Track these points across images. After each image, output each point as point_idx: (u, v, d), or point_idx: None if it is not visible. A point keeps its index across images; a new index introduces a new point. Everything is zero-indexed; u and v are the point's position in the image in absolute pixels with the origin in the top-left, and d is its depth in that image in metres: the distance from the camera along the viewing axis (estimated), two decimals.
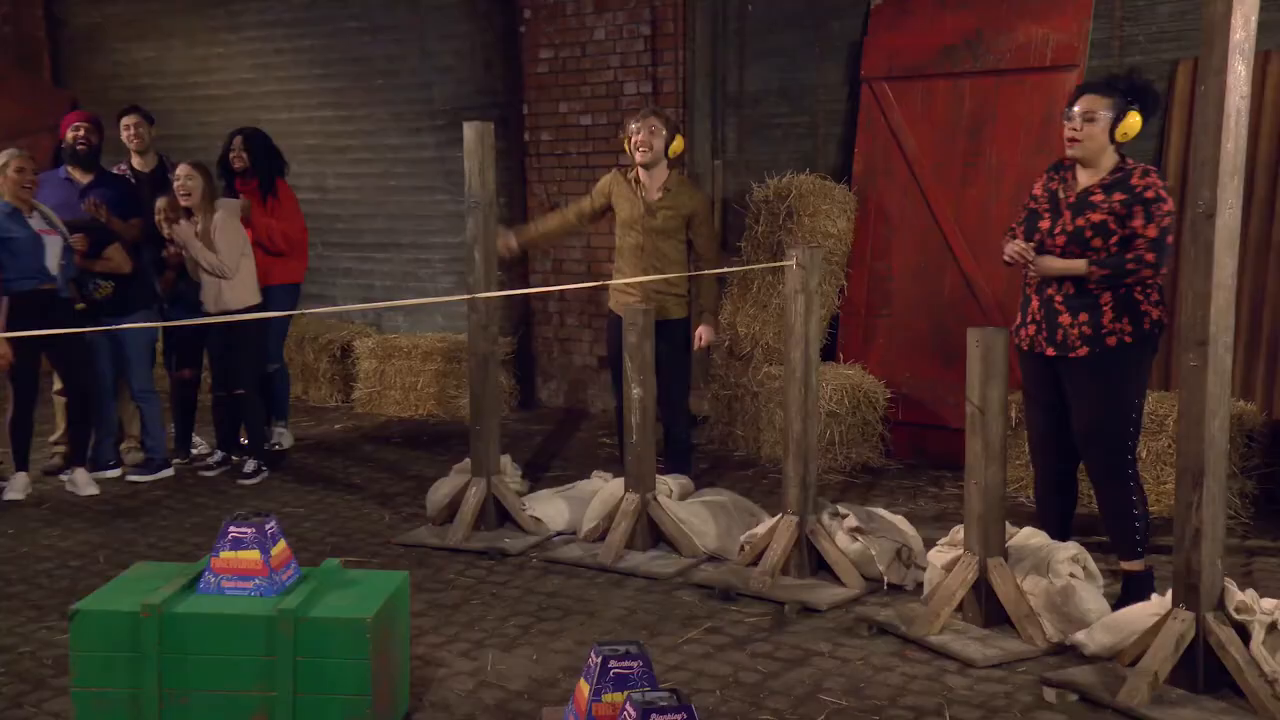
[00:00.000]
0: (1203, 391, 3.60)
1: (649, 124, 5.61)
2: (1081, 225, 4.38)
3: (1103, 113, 4.35)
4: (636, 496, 5.19)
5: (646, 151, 5.61)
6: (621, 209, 5.76)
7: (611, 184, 5.84)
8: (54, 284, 5.95)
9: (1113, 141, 4.39)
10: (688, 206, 5.73)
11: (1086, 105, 4.38)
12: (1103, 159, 4.43)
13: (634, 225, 5.71)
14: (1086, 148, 4.40)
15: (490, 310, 5.52)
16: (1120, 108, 4.35)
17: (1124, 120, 4.34)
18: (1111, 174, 4.42)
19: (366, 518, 5.89)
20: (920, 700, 3.76)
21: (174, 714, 3.33)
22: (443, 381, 8.26)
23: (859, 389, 6.60)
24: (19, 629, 4.42)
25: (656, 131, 5.61)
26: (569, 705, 3.06)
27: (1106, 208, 4.36)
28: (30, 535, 5.59)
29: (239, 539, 3.48)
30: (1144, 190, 4.33)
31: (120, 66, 10.60)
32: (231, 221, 6.37)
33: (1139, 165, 4.44)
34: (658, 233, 5.68)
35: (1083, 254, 4.38)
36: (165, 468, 6.62)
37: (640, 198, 5.70)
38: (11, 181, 5.88)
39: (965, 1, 6.80)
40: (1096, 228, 4.36)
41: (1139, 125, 4.37)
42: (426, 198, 9.07)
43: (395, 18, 8.98)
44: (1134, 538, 4.46)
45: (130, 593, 3.45)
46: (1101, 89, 4.42)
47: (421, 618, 4.43)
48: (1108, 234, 4.35)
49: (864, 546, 4.77)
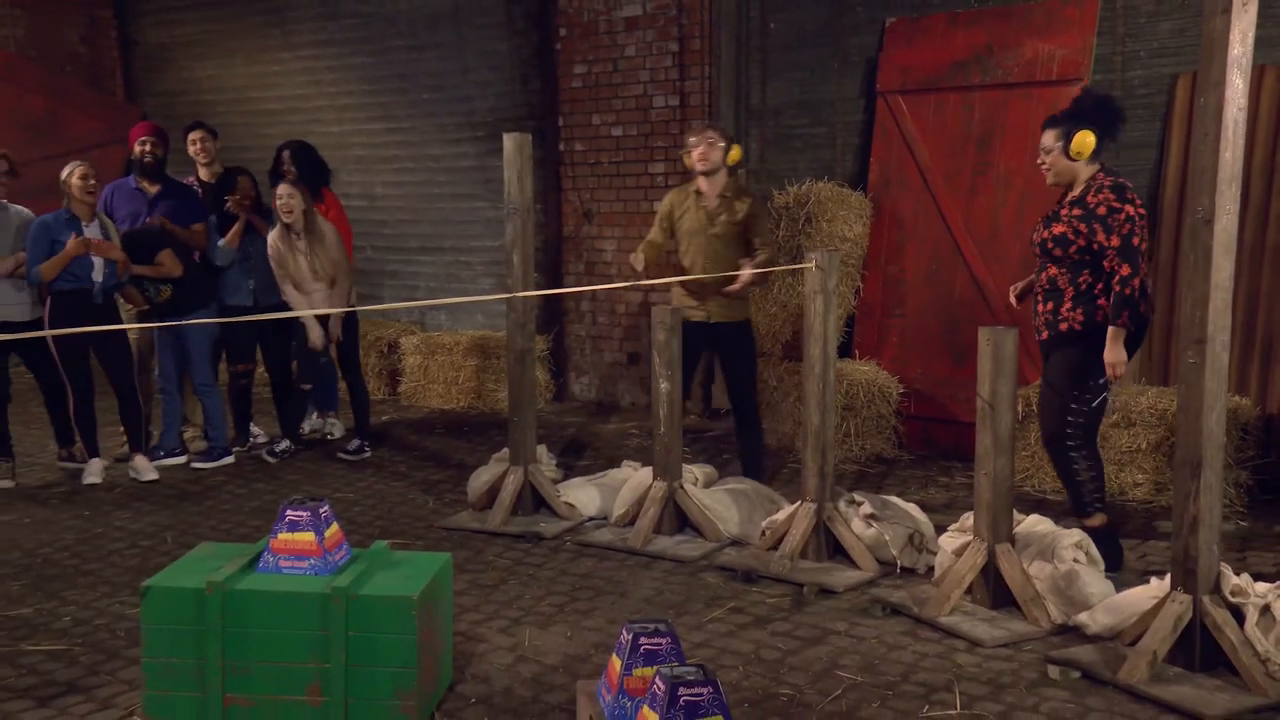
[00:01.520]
0: (1201, 387, 3.58)
1: (707, 137, 5.55)
2: (1047, 237, 4.62)
3: (1055, 143, 4.58)
4: (664, 484, 5.19)
5: (706, 162, 5.55)
6: (683, 221, 5.68)
7: (671, 202, 5.76)
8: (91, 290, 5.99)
9: (1076, 159, 4.55)
10: (745, 211, 5.62)
11: (1043, 141, 4.65)
12: (1078, 177, 4.61)
13: (696, 234, 5.62)
14: (1056, 174, 4.63)
15: (527, 309, 5.53)
16: (1068, 132, 4.53)
17: (1072, 141, 4.50)
18: (1081, 190, 4.58)
19: (412, 503, 5.92)
20: (931, 677, 3.75)
21: (236, 683, 3.36)
22: (482, 376, 8.29)
23: (873, 384, 6.58)
24: (94, 603, 4.48)
25: (715, 144, 5.54)
26: (602, 679, 3.06)
27: (1066, 220, 4.55)
28: (104, 517, 5.66)
29: (295, 522, 3.50)
30: (1097, 206, 4.49)
31: (186, 83, 10.70)
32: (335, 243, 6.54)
33: (1099, 181, 4.55)
34: (718, 238, 5.59)
35: (1050, 261, 4.62)
36: (226, 455, 6.68)
37: (701, 207, 5.62)
38: (75, 189, 5.95)
39: (976, 19, 6.76)
40: (1057, 239, 4.57)
41: (1091, 140, 4.51)
42: (467, 204, 9.09)
43: (439, 36, 9.01)
44: (1083, 499, 4.65)
45: (196, 571, 3.48)
46: (1050, 122, 4.65)
47: (463, 596, 4.45)
48: (1066, 244, 4.55)
49: (878, 532, 4.75)
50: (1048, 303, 4.65)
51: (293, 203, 6.31)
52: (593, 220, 8.28)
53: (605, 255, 8.25)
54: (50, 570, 4.88)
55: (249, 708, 3.37)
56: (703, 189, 5.65)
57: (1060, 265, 4.60)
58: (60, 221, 5.94)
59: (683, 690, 2.55)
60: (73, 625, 4.25)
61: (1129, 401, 5.73)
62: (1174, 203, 6.18)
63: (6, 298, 6.01)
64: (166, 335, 6.50)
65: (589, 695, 3.04)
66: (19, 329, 5.86)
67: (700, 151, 5.55)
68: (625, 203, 8.10)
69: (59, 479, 6.38)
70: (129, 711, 3.51)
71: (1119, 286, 4.41)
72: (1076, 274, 4.56)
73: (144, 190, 6.63)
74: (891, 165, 7.04)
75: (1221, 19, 3.44)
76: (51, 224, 5.93)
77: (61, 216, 5.96)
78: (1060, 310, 4.59)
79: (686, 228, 5.66)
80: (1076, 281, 4.56)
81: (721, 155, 5.58)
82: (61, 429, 6.49)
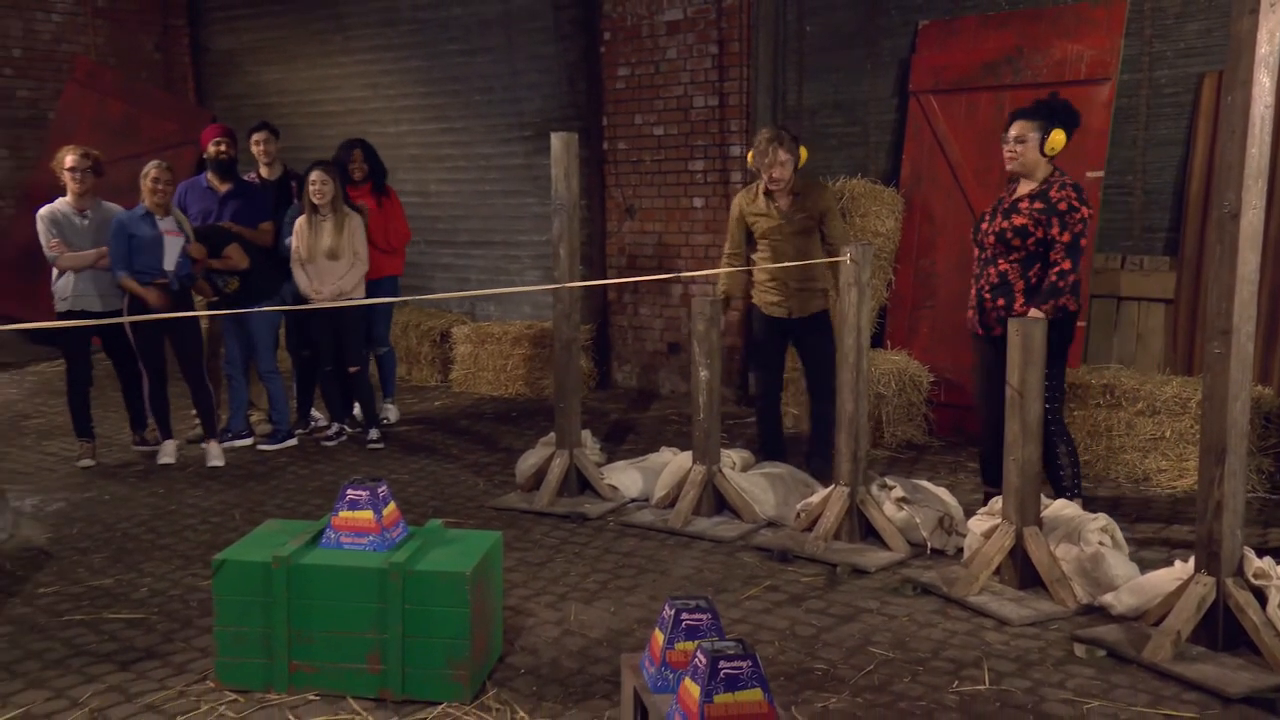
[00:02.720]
0: (1226, 376, 3.53)
1: (779, 160, 5.26)
2: (1005, 228, 4.58)
3: (1031, 134, 4.54)
4: (703, 468, 5.19)
5: (779, 184, 5.32)
6: (758, 224, 5.46)
7: (742, 208, 5.52)
8: (166, 279, 6.09)
9: (1045, 155, 4.55)
10: (819, 206, 5.43)
11: (1018, 130, 4.58)
12: (1037, 171, 4.60)
13: (773, 234, 5.43)
14: (1022, 164, 4.59)
15: (572, 300, 5.54)
16: (1045, 128, 4.52)
17: (1049, 138, 4.52)
18: (1041, 185, 4.57)
19: (463, 484, 5.96)
20: (960, 654, 3.72)
21: (301, 651, 3.41)
22: (530, 364, 8.32)
23: (905, 373, 6.53)
24: (169, 575, 4.56)
25: (785, 165, 5.30)
26: (644, 652, 3.07)
27: (1028, 213, 4.54)
28: (177, 495, 5.75)
29: (355, 500, 3.54)
30: (1058, 202, 4.49)
31: (252, 87, 10.81)
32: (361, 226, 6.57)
33: (1061, 179, 4.55)
34: (795, 235, 5.40)
35: (1007, 251, 4.61)
36: (289, 438, 6.76)
37: (774, 207, 5.41)
38: (149, 188, 6.05)
39: (1006, 22, 6.66)
40: (1017, 230, 4.55)
41: (1063, 140, 4.53)
42: (515, 201, 9.12)
43: (489, 40, 9.04)
44: (1063, 482, 4.69)
45: (263, 546, 3.53)
46: (1028, 114, 4.61)
47: (512, 573, 4.48)
48: (1025, 235, 4.54)
49: (909, 515, 4.72)
50: (999, 298, 4.63)
51: (325, 189, 6.40)
52: (635, 215, 8.28)
53: (645, 249, 8.25)
54: (129, 544, 4.97)
55: (313, 674, 3.42)
56: (772, 189, 5.42)
57: (1012, 259, 4.59)
58: (136, 217, 6.04)
59: (723, 664, 2.55)
60: (149, 595, 4.33)
61: (1154, 391, 5.64)
62: (1199, 198, 6.06)
63: (89, 288, 6.13)
64: (233, 324, 6.59)
65: (633, 667, 3.05)
66: (99, 319, 5.97)
67: (774, 175, 5.30)
68: (666, 199, 8.09)
69: (135, 459, 6.49)
70: (202, 676, 3.57)
71: (1055, 277, 4.46)
72: (1027, 268, 4.56)
73: (214, 188, 6.72)
74: (923, 163, 6.97)
75: (1249, 19, 3.38)
76: (127, 220, 6.03)
77: (137, 213, 6.06)
78: (1014, 306, 4.58)
79: (762, 230, 5.45)
80: (1027, 275, 4.57)
81: (792, 171, 5.34)
82: (136, 415, 6.60)
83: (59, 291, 6.14)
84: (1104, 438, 5.80)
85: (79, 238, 6.13)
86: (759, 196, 5.48)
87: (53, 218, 6.12)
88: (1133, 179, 6.41)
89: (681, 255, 8.06)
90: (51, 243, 6.07)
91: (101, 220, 6.20)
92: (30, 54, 10.48)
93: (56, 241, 6.07)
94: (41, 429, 7.35)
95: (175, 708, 3.37)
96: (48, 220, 6.11)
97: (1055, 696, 3.40)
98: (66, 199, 6.19)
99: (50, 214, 6.14)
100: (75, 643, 3.87)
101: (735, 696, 2.54)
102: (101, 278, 6.13)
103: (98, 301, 6.15)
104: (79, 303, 6.11)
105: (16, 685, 3.54)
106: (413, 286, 9.32)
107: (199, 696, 3.44)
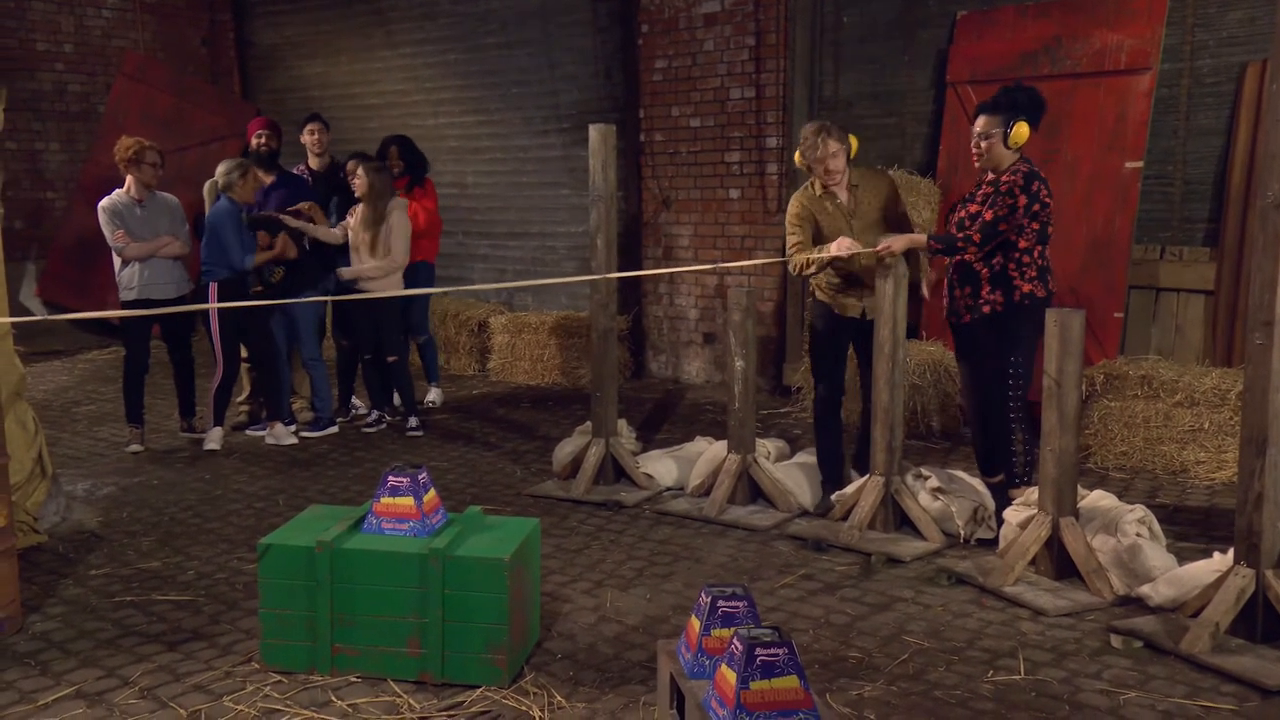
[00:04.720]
0: (1268, 367, 3.46)
1: (828, 146, 4.87)
2: (964, 215, 4.61)
3: (995, 130, 4.50)
4: (738, 457, 5.17)
5: (833, 176, 4.95)
6: (825, 223, 5.01)
7: (807, 208, 5.04)
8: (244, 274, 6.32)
9: (1010, 148, 4.52)
10: (881, 191, 5.06)
11: (981, 126, 4.56)
12: (1003, 164, 4.54)
13: (841, 230, 4.98)
14: (988, 159, 4.56)
15: (609, 290, 5.54)
16: (1007, 121, 4.48)
17: (1013, 131, 4.46)
18: (1002, 175, 4.55)
19: (501, 471, 5.98)
20: (996, 644, 3.69)
21: (343, 634, 3.44)
22: (566, 354, 8.33)
23: (940, 364, 6.46)
24: (215, 559, 4.62)
25: (838, 155, 4.91)
26: (681, 638, 3.07)
27: (981, 198, 4.57)
28: (223, 481, 5.82)
29: (396, 487, 3.56)
30: (1003, 185, 4.49)
31: (296, 80, 10.90)
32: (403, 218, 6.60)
33: (1016, 167, 4.52)
34: (864, 227, 4.99)
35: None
36: (331, 425, 6.82)
37: (837, 206, 5.07)
38: (251, 186, 6.30)
39: (1045, 11, 6.56)
40: (972, 216, 4.57)
41: (1026, 132, 4.48)
42: (552, 192, 9.13)
43: (527, 34, 9.04)
44: (1013, 469, 4.63)
45: (306, 531, 3.57)
46: (990, 109, 4.58)
47: (549, 560, 4.49)
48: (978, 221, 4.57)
49: (944, 505, 4.68)
50: (964, 286, 4.62)
51: (359, 183, 6.51)
52: (671, 207, 8.26)
53: (681, 240, 8.22)
54: (176, 528, 5.04)
55: (355, 656, 3.45)
56: (830, 184, 5.03)
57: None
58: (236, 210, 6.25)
59: (759, 650, 2.54)
60: (196, 578, 4.38)
61: (1193, 382, 5.55)
62: (1240, 188, 5.95)
63: (157, 277, 6.24)
64: (277, 313, 6.66)
65: (669, 654, 3.05)
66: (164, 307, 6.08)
67: (829, 167, 4.93)
68: (702, 190, 8.06)
69: (182, 445, 6.57)
70: (247, 657, 3.62)
71: (961, 240, 4.47)
72: (990, 256, 4.53)
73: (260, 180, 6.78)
74: (960, 153, 6.88)
75: None
76: (231, 210, 6.21)
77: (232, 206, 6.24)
78: (980, 294, 4.57)
79: (830, 229, 5.03)
80: (991, 263, 4.54)
81: (845, 161, 4.99)
82: (185, 402, 6.68)
83: (124, 281, 6.25)
84: (1141, 429, 5.72)
85: (139, 228, 6.23)
86: (818, 197, 5.04)
87: (114, 209, 6.22)
88: (1173, 169, 6.30)
89: (717, 246, 8.04)
90: (117, 234, 6.17)
91: (157, 210, 6.30)
92: (81, 49, 10.64)
93: (121, 232, 6.17)
94: (92, 415, 7.47)
95: (222, 688, 3.41)
96: (110, 212, 6.21)
97: (1091, 687, 3.36)
98: (125, 190, 6.29)
99: (111, 205, 6.23)
100: (125, 623, 3.93)
101: (771, 683, 2.54)
102: (166, 266, 6.25)
103: (169, 289, 6.28)
104: (146, 291, 6.22)
105: (71, 664, 3.61)
106: (451, 277, 9.37)
107: (244, 677, 3.48)
